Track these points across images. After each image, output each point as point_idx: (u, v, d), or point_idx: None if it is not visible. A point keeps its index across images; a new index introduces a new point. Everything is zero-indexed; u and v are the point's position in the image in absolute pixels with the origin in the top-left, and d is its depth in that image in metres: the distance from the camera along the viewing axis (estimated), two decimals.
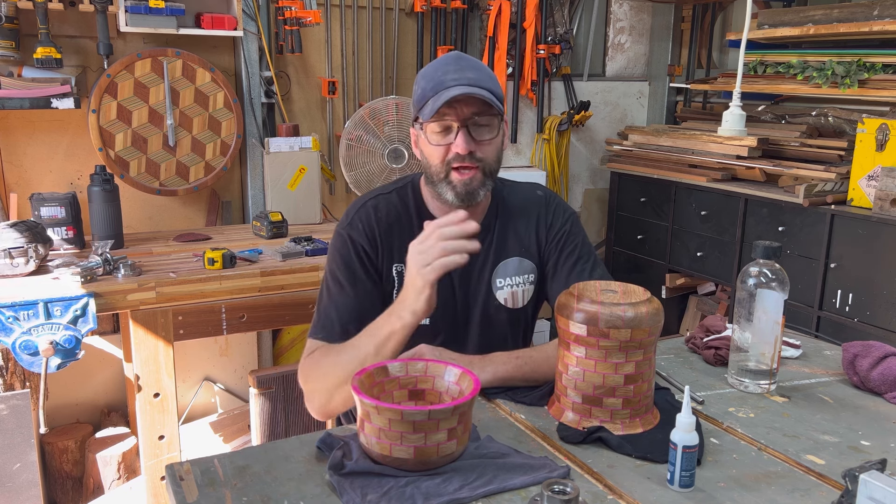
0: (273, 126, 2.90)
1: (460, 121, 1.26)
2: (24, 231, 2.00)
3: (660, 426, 1.12)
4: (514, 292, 1.42)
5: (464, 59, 1.30)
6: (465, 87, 1.24)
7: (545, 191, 1.49)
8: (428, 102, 1.27)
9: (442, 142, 1.29)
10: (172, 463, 1.01)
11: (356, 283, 1.33)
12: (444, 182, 1.31)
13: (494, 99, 1.27)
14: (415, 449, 0.95)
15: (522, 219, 1.43)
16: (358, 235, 1.36)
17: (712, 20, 3.81)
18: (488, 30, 3.25)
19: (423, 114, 1.28)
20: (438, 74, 1.28)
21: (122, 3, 2.38)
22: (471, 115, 1.26)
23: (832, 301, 2.63)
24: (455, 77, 1.26)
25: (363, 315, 1.30)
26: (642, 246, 3.48)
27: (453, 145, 1.27)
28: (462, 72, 1.27)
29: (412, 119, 1.36)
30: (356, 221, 1.37)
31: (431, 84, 1.27)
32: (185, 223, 2.87)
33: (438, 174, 1.31)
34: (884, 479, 0.81)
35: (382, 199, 1.40)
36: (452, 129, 1.28)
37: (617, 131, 3.77)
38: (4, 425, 1.99)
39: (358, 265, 1.34)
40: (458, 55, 1.32)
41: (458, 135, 1.27)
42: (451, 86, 1.25)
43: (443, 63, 1.30)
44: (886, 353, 1.29)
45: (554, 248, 1.42)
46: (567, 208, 1.47)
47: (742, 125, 2.74)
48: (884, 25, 2.57)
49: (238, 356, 3.03)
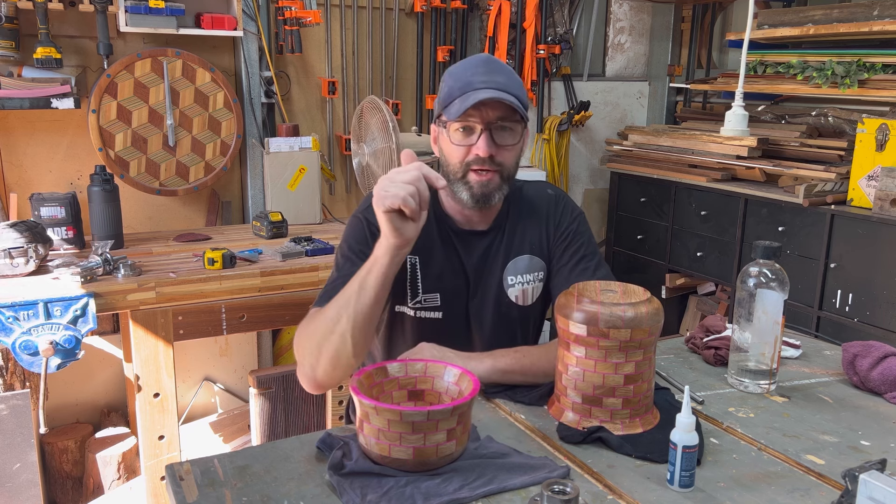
0: (273, 126, 2.90)
1: (484, 123, 1.27)
2: (24, 231, 1.99)
3: (660, 426, 1.12)
4: (524, 290, 1.42)
5: (493, 63, 1.31)
6: (494, 90, 1.25)
7: (555, 190, 1.50)
8: (455, 102, 1.27)
9: (463, 142, 1.29)
10: (172, 463, 1.01)
11: (365, 258, 1.32)
12: (460, 182, 1.31)
13: (521, 105, 1.28)
14: (414, 449, 0.95)
15: (533, 217, 1.44)
16: (374, 218, 1.34)
17: (712, 20, 3.82)
18: (488, 30, 3.25)
19: (448, 112, 1.28)
20: (468, 75, 1.28)
21: (122, 3, 2.38)
22: (495, 119, 1.27)
23: (832, 301, 2.63)
24: (484, 80, 1.26)
25: None
26: (642, 246, 3.48)
27: (474, 147, 1.28)
28: (491, 75, 1.27)
29: (435, 116, 1.36)
30: (374, 207, 1.37)
31: (459, 84, 1.28)
32: (185, 223, 2.87)
33: (456, 174, 1.32)
34: (884, 479, 0.81)
35: None
36: (475, 131, 1.28)
37: (617, 131, 3.76)
38: (4, 425, 1.99)
39: (371, 243, 1.32)
40: (488, 58, 1.32)
41: (481, 137, 1.27)
42: (480, 88, 1.25)
43: (472, 64, 1.30)
44: (886, 353, 1.29)
45: (560, 246, 1.43)
46: (575, 208, 1.48)
47: (745, 125, 2.74)
48: (884, 25, 2.57)
49: (238, 356, 3.03)
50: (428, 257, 1.39)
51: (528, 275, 1.43)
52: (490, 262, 1.41)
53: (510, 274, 1.41)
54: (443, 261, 1.39)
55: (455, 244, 1.40)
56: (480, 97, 1.23)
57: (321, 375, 1.22)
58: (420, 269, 1.38)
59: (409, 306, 1.40)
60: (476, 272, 1.40)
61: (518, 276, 1.42)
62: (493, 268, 1.41)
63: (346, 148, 3.07)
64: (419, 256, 1.38)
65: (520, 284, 1.42)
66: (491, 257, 1.41)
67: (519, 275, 1.42)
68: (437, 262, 1.39)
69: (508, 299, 1.41)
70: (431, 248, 1.39)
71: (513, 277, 1.41)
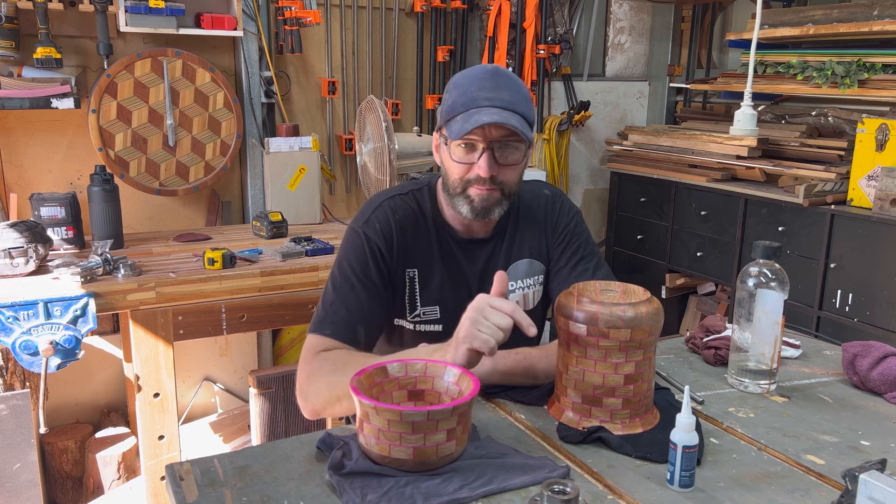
0: (273, 126, 2.90)
1: (486, 142, 1.23)
2: (24, 231, 2.00)
3: (660, 426, 1.12)
4: (525, 294, 1.42)
5: (501, 77, 1.25)
6: (498, 109, 1.21)
7: (551, 189, 1.48)
8: (457, 119, 1.23)
9: (465, 159, 1.26)
10: (172, 463, 1.01)
11: (368, 284, 1.30)
12: (460, 196, 1.28)
13: (526, 126, 1.24)
14: (414, 449, 0.95)
15: (531, 221, 1.42)
16: (374, 235, 1.33)
17: (712, 20, 3.82)
18: (488, 30, 3.25)
19: (450, 130, 1.24)
20: (472, 90, 1.23)
21: (122, 3, 2.38)
22: (498, 138, 1.23)
23: (832, 301, 2.63)
24: (489, 97, 1.22)
25: (372, 318, 1.29)
26: (642, 246, 3.48)
27: (476, 166, 1.25)
28: (497, 91, 1.23)
29: (437, 126, 1.33)
30: (373, 220, 1.34)
31: (463, 99, 1.23)
32: (185, 223, 2.87)
33: (456, 188, 1.29)
34: (884, 479, 0.81)
35: (399, 200, 1.37)
36: (477, 149, 1.25)
37: (617, 131, 3.77)
38: (4, 425, 1.99)
39: (372, 266, 1.31)
40: (496, 70, 1.27)
41: (482, 157, 1.24)
42: (484, 106, 1.21)
43: (479, 77, 1.25)
44: (886, 353, 1.29)
45: (558, 247, 1.42)
46: (572, 207, 1.46)
47: (754, 125, 2.74)
48: (884, 25, 2.57)
49: (238, 356, 3.03)
50: (427, 269, 1.37)
51: (529, 279, 1.42)
52: (492, 270, 1.39)
53: (511, 279, 1.39)
54: (443, 272, 1.37)
55: (456, 254, 1.38)
56: (483, 120, 1.19)
57: (324, 412, 1.23)
58: (419, 282, 1.36)
59: (408, 320, 1.38)
60: (480, 281, 1.37)
61: (518, 281, 1.41)
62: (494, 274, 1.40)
63: (346, 148, 3.08)
64: (418, 269, 1.36)
65: (520, 290, 1.41)
66: (493, 265, 1.39)
67: (519, 280, 1.41)
68: (436, 274, 1.37)
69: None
70: (431, 260, 1.37)
71: (513, 283, 1.40)
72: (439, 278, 1.37)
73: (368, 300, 1.30)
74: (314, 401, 1.22)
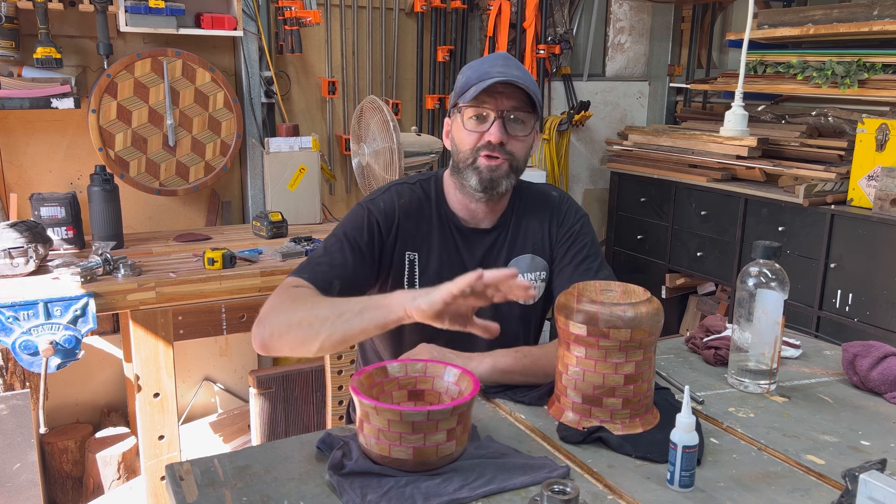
0: (273, 126, 2.90)
1: (497, 111, 1.30)
2: (24, 231, 1.99)
3: (660, 426, 1.12)
4: None
5: (511, 60, 1.36)
6: (511, 78, 1.29)
7: (560, 192, 1.51)
8: (471, 88, 1.31)
9: (476, 129, 1.32)
10: (172, 463, 1.01)
11: (356, 248, 1.34)
12: (470, 168, 1.34)
13: (535, 94, 1.32)
14: (414, 450, 0.95)
15: (536, 216, 1.45)
16: (377, 211, 1.38)
17: (712, 20, 3.81)
18: (488, 30, 3.25)
19: (463, 98, 1.32)
20: (485, 67, 1.32)
21: (122, 3, 2.38)
22: (509, 108, 1.31)
23: (832, 301, 2.63)
24: (501, 70, 1.30)
25: (351, 278, 1.31)
26: (642, 246, 3.48)
27: (487, 133, 1.31)
28: (508, 68, 1.32)
29: (450, 106, 1.40)
30: (379, 200, 1.40)
31: (476, 74, 1.32)
32: (185, 223, 2.87)
33: (466, 160, 1.34)
34: (884, 479, 0.81)
35: (406, 188, 1.43)
36: (488, 119, 1.31)
37: (617, 131, 3.76)
38: (4, 425, 1.99)
39: (366, 235, 1.36)
40: (506, 55, 1.37)
41: (494, 124, 1.31)
42: (497, 76, 1.29)
43: (491, 58, 1.36)
44: (886, 353, 1.29)
45: (563, 246, 1.43)
46: (579, 210, 1.49)
47: (744, 125, 2.74)
48: (884, 25, 2.57)
49: (238, 356, 3.03)
50: (427, 254, 1.39)
51: (530, 274, 1.43)
52: (492, 260, 1.41)
53: None
54: (443, 258, 1.39)
55: (457, 241, 1.41)
56: (497, 80, 1.27)
57: (274, 347, 1.21)
58: (418, 266, 1.39)
59: None
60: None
61: (520, 275, 1.41)
62: (495, 266, 1.40)
63: (346, 148, 3.07)
64: (418, 253, 1.39)
65: None
66: (493, 255, 1.41)
67: (521, 274, 1.41)
68: (436, 260, 1.39)
69: (509, 298, 1.41)
70: (431, 245, 1.40)
71: None
72: (437, 263, 1.39)
73: (353, 262, 1.33)
74: (269, 326, 1.21)
